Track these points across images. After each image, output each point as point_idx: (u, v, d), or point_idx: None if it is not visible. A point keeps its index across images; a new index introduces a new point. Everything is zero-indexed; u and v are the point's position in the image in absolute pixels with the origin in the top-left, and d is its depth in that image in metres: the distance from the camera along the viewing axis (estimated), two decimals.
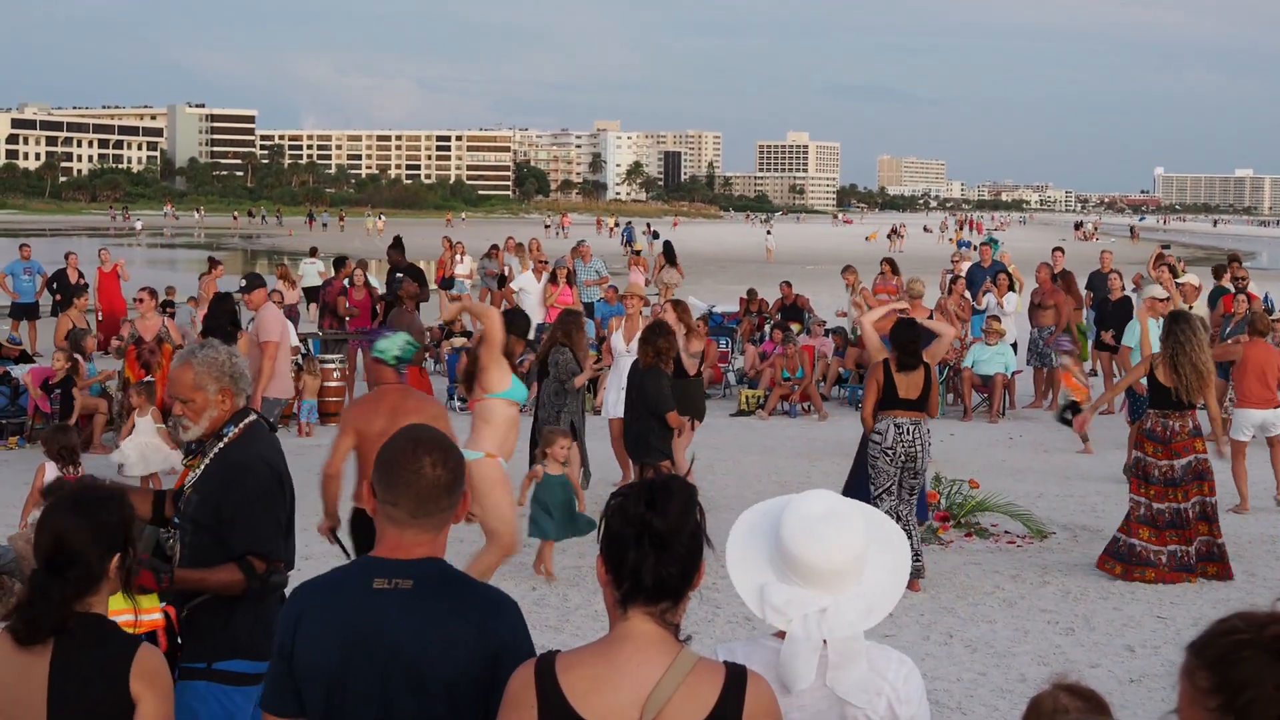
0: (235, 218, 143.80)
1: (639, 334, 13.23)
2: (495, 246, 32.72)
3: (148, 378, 15.98)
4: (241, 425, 5.55)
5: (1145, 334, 14.51)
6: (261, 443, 5.53)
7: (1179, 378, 11.48)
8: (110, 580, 4.08)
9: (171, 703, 4.04)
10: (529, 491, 11.42)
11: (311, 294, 30.65)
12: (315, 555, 11.99)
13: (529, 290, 24.14)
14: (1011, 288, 21.97)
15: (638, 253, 45.43)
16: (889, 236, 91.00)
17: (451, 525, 3.79)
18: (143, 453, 14.24)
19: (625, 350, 14.78)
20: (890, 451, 11.10)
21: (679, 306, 14.72)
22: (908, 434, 11.12)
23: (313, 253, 35.59)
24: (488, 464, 9.96)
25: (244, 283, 14.95)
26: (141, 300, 17.07)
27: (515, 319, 11.85)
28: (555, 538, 11.26)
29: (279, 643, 3.74)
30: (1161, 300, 15.65)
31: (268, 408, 14.24)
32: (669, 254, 32.37)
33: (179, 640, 6.37)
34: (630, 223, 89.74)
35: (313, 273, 32.01)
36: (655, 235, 73.97)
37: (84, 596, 3.98)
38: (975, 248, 45.01)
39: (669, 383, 12.43)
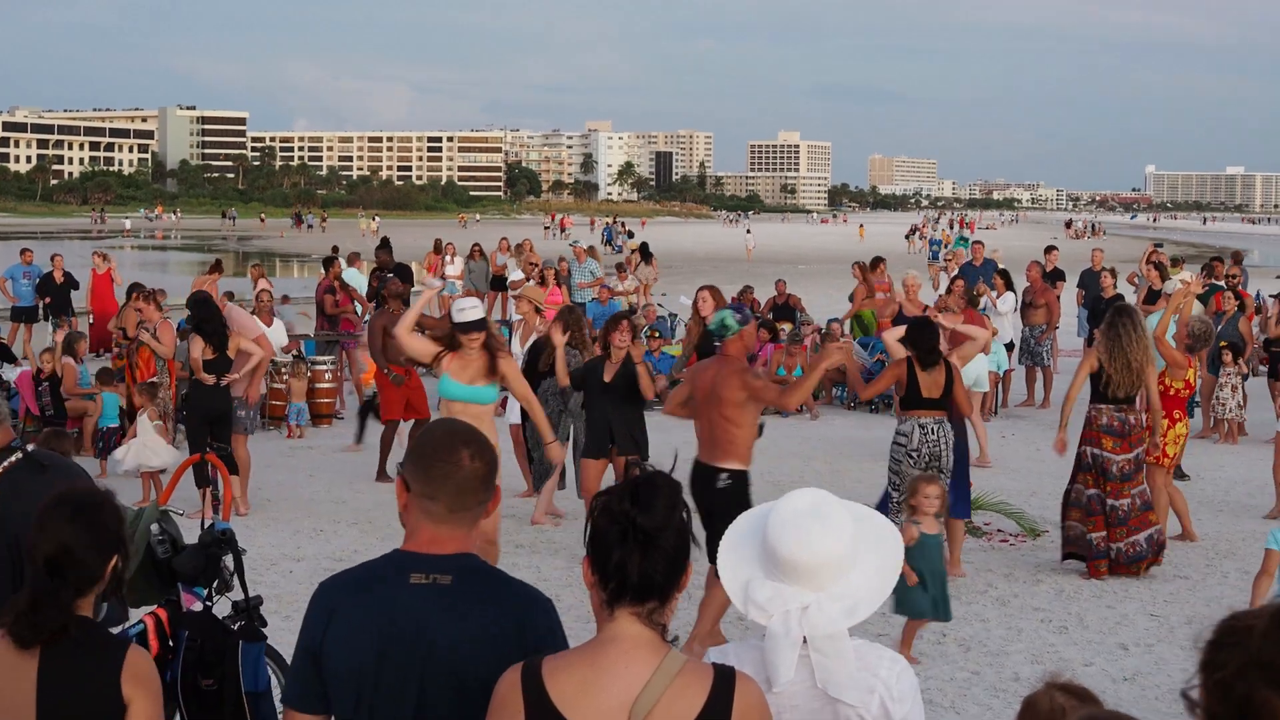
0: (262, 220, 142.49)
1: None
2: (477, 246, 32.68)
3: (153, 379, 15.96)
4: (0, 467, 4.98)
5: (1165, 326, 14.26)
6: (21, 492, 4.78)
7: (1110, 371, 11.43)
8: (102, 582, 4.05)
9: (161, 704, 4.00)
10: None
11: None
12: (306, 557, 12.00)
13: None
14: (1010, 287, 21.93)
15: (634, 250, 45.53)
16: (907, 237, 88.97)
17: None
18: (140, 451, 14.25)
19: (522, 355, 14.74)
20: (916, 453, 11.03)
21: (715, 294, 14.54)
22: (932, 434, 11.07)
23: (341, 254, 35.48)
24: None
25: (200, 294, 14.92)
26: (140, 310, 17.07)
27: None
28: (933, 616, 9.34)
29: (306, 640, 3.65)
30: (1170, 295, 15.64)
31: (241, 404, 14.18)
32: (644, 252, 32.48)
33: (170, 643, 6.37)
34: (610, 223, 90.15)
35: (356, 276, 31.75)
36: (630, 235, 74.32)
37: (83, 599, 3.97)
38: (945, 246, 45.15)
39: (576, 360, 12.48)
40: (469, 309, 10.07)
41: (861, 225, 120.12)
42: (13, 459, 5.02)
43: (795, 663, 3.55)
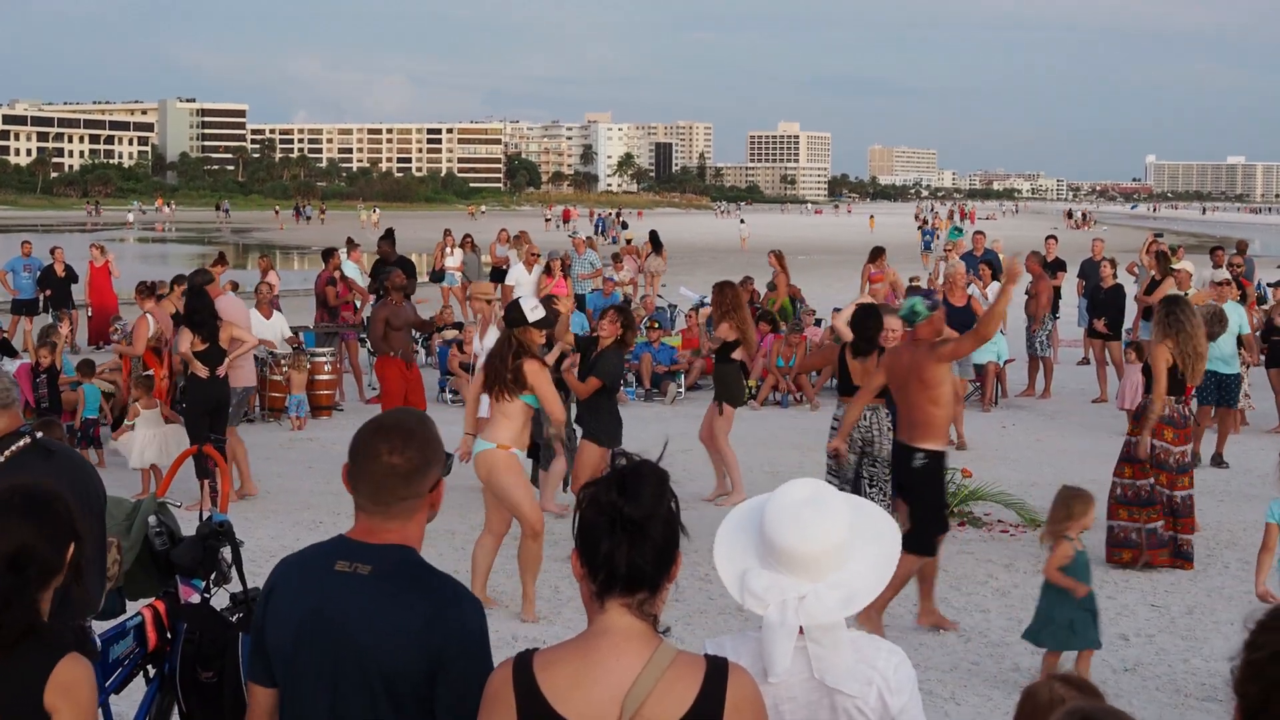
0: (277, 212, 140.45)
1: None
2: (468, 237, 32.39)
3: (146, 371, 15.96)
4: (7, 453, 5.07)
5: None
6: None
7: (1180, 362, 11.41)
8: (61, 574, 4.00)
9: (93, 715, 3.87)
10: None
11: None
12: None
13: (522, 283, 24.06)
14: (995, 277, 21.89)
15: (629, 241, 45.38)
16: (920, 230, 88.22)
17: (429, 516, 3.75)
18: (143, 445, 14.23)
19: (482, 350, 14.65)
20: (848, 438, 11.28)
21: (726, 289, 14.51)
22: (864, 420, 11.40)
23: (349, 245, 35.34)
24: (499, 454, 10.01)
25: (199, 280, 14.86)
26: (137, 300, 17.05)
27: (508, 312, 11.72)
28: (1075, 646, 8.45)
29: (255, 614, 3.78)
30: (1220, 284, 15.75)
31: (234, 395, 14.12)
32: (655, 242, 32.35)
33: (168, 635, 6.35)
34: (601, 216, 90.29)
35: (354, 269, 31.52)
36: (624, 225, 74.15)
37: (44, 593, 3.91)
38: (937, 236, 45.02)
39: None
40: (535, 308, 10.10)
41: (872, 216, 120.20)
42: (21, 443, 5.10)
43: (791, 653, 3.54)
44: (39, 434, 5.24)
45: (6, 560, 3.85)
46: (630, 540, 3.18)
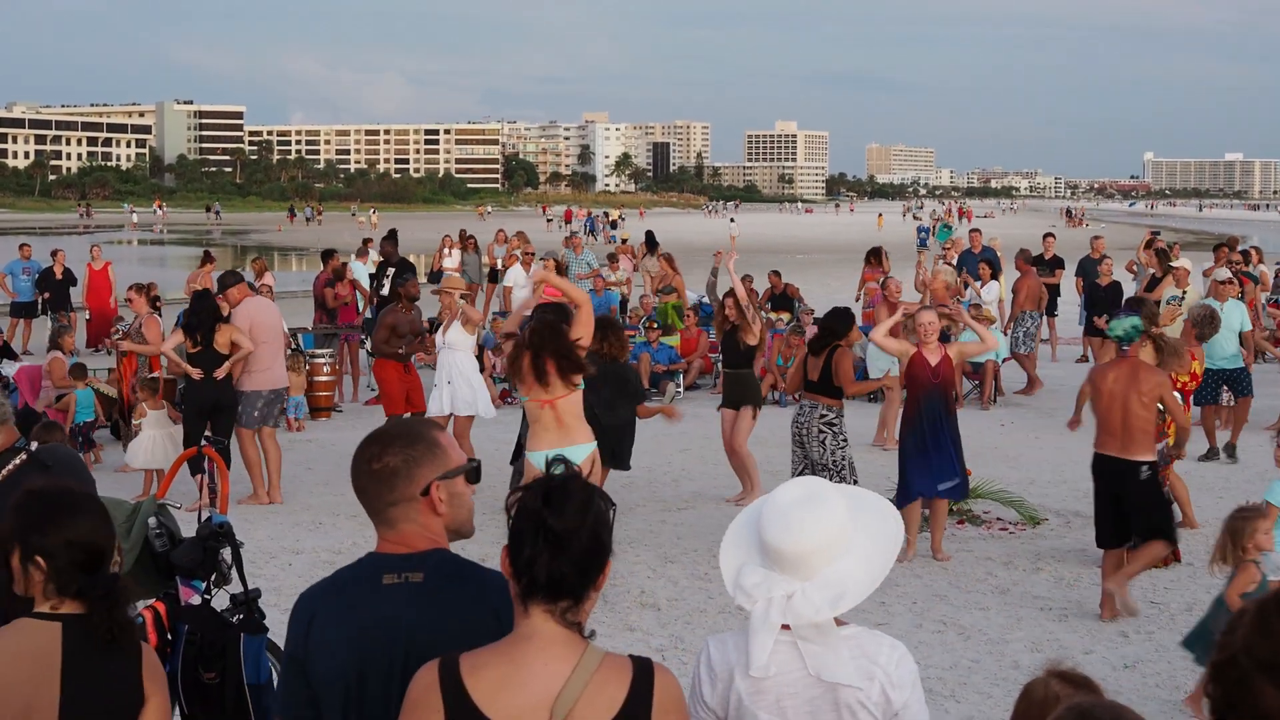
0: (291, 214, 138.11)
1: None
2: (472, 239, 32.33)
3: (153, 374, 15.94)
4: (5, 470, 5.10)
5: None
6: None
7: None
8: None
9: (168, 697, 4.02)
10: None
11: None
12: (305, 550, 11.99)
13: (519, 283, 24.07)
14: (994, 276, 21.90)
15: (624, 241, 45.32)
16: (917, 228, 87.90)
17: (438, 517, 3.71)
18: (149, 448, 14.21)
19: (444, 344, 14.60)
20: (793, 428, 12.17)
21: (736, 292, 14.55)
22: (804, 415, 12.09)
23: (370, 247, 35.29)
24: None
25: (227, 281, 14.83)
26: (131, 300, 17.03)
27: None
28: None
29: (290, 650, 3.67)
30: (1223, 282, 15.77)
31: (252, 399, 14.04)
32: (650, 242, 32.30)
33: (168, 636, 6.36)
34: (591, 216, 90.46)
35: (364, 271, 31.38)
36: (614, 225, 74.13)
37: None
38: (932, 233, 45.03)
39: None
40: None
41: (881, 215, 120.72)
42: (18, 460, 5.12)
43: (770, 648, 3.58)
44: (34, 446, 5.24)
45: (91, 556, 3.87)
46: (551, 551, 3.19)
